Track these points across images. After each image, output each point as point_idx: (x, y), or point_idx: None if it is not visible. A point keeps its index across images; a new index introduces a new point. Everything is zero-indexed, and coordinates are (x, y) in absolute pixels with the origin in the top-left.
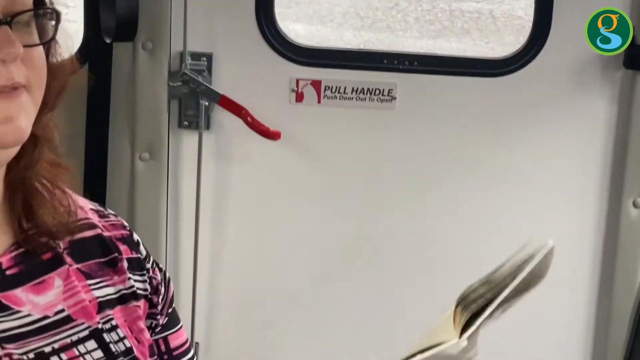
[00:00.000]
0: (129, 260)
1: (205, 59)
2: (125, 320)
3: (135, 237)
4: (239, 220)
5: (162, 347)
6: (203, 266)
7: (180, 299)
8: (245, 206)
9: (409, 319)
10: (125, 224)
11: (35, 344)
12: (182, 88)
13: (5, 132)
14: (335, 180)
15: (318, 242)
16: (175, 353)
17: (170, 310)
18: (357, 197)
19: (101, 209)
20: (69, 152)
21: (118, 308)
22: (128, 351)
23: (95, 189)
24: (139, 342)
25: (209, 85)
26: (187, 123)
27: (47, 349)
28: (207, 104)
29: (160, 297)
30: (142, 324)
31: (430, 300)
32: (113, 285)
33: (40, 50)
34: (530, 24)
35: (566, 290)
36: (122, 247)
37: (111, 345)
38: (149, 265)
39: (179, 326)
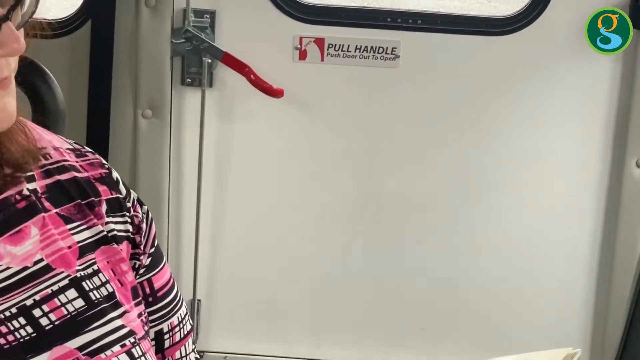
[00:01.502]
0: (108, 201)
1: (208, 16)
2: (108, 262)
3: (115, 175)
4: (242, 178)
5: (147, 289)
6: (205, 224)
7: (183, 257)
8: (247, 164)
9: (414, 277)
10: (104, 161)
11: (16, 297)
12: (184, 45)
13: (1, 120)
14: (338, 139)
15: (321, 200)
16: (159, 294)
17: (153, 250)
18: (360, 155)
19: (78, 146)
20: (71, 109)
21: (100, 250)
22: (110, 296)
23: (97, 146)
24: (121, 284)
25: (212, 43)
26: (189, 80)
27: (29, 302)
28: (210, 61)
29: (143, 234)
30: (125, 266)
31: (437, 259)
32: (94, 226)
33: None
34: None
35: (567, 250)
36: (101, 188)
37: (91, 293)
38: (129, 204)
39: (162, 265)
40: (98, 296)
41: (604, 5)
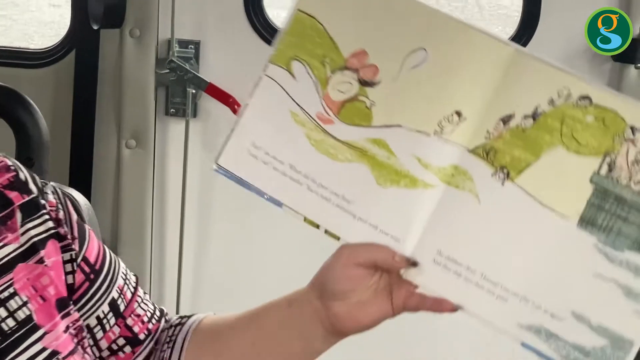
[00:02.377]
0: (21, 207)
1: (192, 46)
2: (27, 279)
3: (22, 174)
4: (226, 209)
5: (86, 268)
6: (188, 255)
7: (166, 287)
8: (231, 195)
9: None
10: (9, 162)
11: None
12: (169, 75)
13: None
14: None
15: (307, 231)
16: (97, 266)
17: (77, 228)
18: None
19: None
20: (55, 139)
21: (18, 268)
22: (27, 320)
23: (81, 176)
24: (44, 300)
25: (196, 73)
26: (173, 110)
27: None
28: (194, 91)
29: (65, 222)
30: (46, 280)
31: None
32: (9, 244)
33: None
34: (517, 15)
35: None
36: (12, 195)
37: (4, 323)
38: (44, 201)
39: (87, 237)
40: (12, 325)
41: None
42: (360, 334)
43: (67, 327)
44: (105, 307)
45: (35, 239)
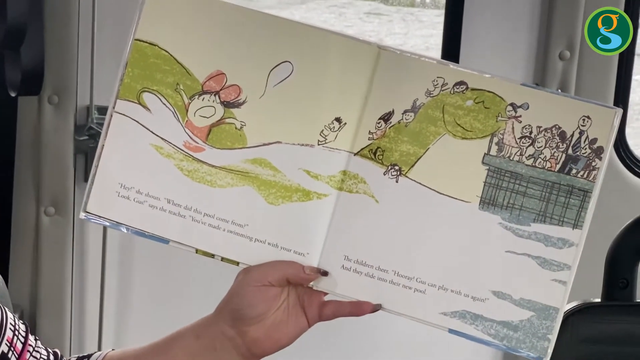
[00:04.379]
0: None
1: None
2: None
3: None
4: (146, 277)
5: None
6: (109, 324)
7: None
8: (152, 261)
9: None
10: None
11: None
12: (88, 142)
13: None
14: None
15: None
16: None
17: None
18: None
19: None
20: None
21: None
22: None
23: None
24: None
25: None
26: None
27: None
28: None
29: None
30: None
31: None
32: None
33: None
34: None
35: None
36: None
37: None
38: None
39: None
40: None
41: None
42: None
43: None
44: None
45: None
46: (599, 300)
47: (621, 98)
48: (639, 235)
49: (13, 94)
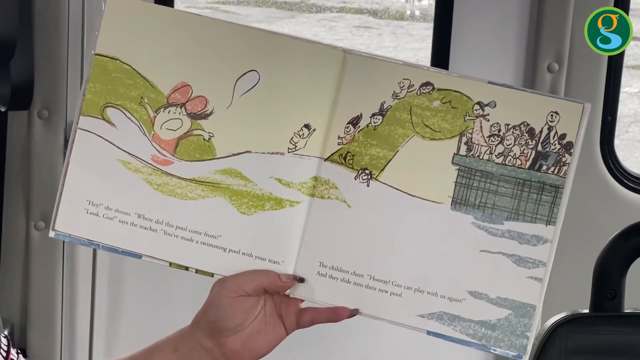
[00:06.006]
0: None
1: None
2: None
3: None
4: (137, 290)
5: None
6: (99, 338)
7: None
8: (143, 273)
9: None
10: None
11: None
12: None
13: None
14: None
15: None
16: None
17: None
18: None
19: None
20: None
21: None
22: None
23: None
24: None
25: None
26: None
27: None
28: None
29: None
30: None
31: None
32: None
33: None
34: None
35: None
36: None
37: None
38: None
39: None
40: None
41: None
42: None
43: None
44: None
45: None
46: (587, 311)
47: (610, 110)
48: (626, 246)
49: (2, 109)
